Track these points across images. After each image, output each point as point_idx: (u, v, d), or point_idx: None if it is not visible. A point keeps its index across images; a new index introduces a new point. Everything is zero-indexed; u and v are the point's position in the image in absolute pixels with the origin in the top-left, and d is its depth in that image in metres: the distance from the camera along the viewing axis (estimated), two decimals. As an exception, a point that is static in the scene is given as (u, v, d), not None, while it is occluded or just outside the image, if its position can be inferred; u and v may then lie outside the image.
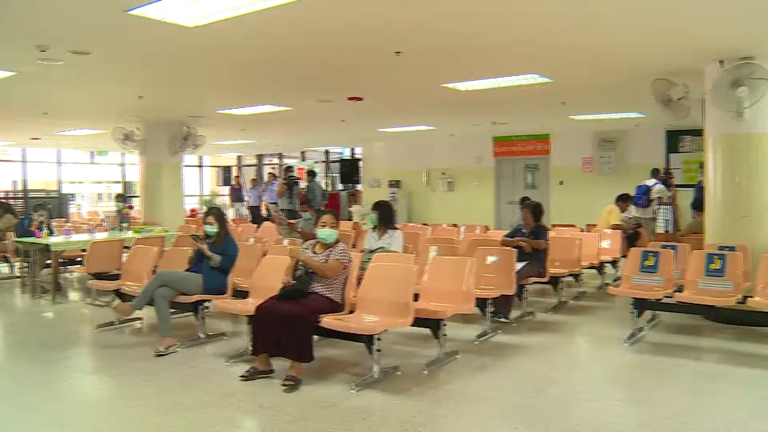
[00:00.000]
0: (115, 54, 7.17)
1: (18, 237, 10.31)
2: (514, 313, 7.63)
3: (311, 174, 16.92)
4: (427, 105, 11.41)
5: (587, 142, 16.23)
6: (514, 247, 7.57)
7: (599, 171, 16.08)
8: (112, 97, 10.44)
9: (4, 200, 14.02)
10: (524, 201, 10.44)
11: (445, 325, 5.87)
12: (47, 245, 9.47)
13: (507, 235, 8.32)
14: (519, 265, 7.47)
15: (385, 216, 7.79)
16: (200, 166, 26.11)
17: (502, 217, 17.45)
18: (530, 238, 7.96)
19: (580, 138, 16.22)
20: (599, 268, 9.69)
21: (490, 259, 7.42)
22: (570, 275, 8.67)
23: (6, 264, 11.91)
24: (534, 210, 8.22)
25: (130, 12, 5.38)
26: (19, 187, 22.16)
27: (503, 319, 7.39)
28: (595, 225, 11.22)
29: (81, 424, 4.62)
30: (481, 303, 6.80)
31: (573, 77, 8.70)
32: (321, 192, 16.47)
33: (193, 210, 21.72)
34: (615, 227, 10.49)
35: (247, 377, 5.44)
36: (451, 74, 8.55)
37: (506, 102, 10.80)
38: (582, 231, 10.94)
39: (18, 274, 11.22)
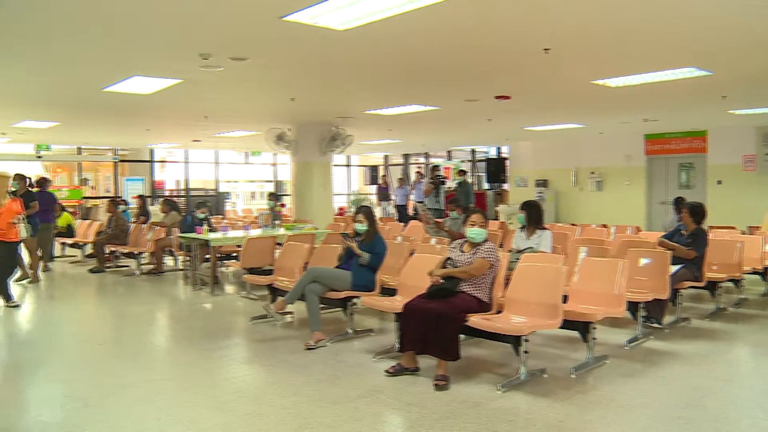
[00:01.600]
0: (270, 59, 7.50)
1: (181, 233, 11.02)
2: (668, 319, 7.31)
3: (463, 173, 16.98)
4: (576, 102, 11.15)
5: (749, 139, 15.23)
6: (668, 249, 7.27)
7: (763, 170, 15.06)
8: (266, 100, 10.93)
9: (170, 198, 15.01)
10: (678, 201, 9.99)
11: (594, 328, 5.73)
12: (207, 241, 10.05)
13: (665, 236, 7.95)
14: (674, 268, 7.16)
15: (534, 216, 7.67)
16: (348, 165, 26.77)
17: (654, 218, 16.74)
18: (689, 241, 7.59)
19: (742, 134, 15.26)
20: (763, 273, 9.06)
21: (643, 261, 7.16)
22: (729, 280, 8.17)
23: (171, 257, 12.79)
24: (693, 211, 7.79)
25: (284, 18, 5.62)
26: (182, 186, 23.65)
27: (656, 325, 7.10)
28: (758, 227, 10.54)
29: (237, 409, 4.87)
30: (632, 307, 6.57)
31: (735, 69, 8.19)
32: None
33: (341, 208, 22.31)
34: (782, 230, 9.81)
35: (393, 373, 5.53)
36: (602, 70, 8.30)
37: (660, 97, 10.36)
38: (743, 233, 10.30)
39: (181, 267, 12.03)
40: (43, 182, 12.62)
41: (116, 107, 11.10)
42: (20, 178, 10.43)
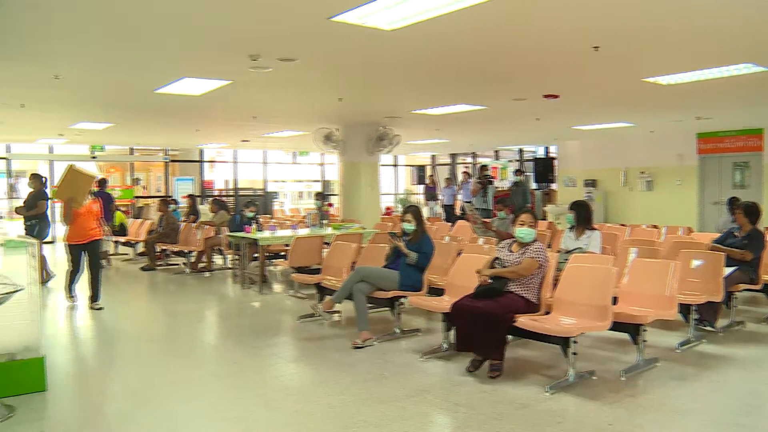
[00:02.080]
0: (318, 59, 7.53)
1: (230, 232, 11.15)
2: (721, 322, 7.15)
3: (520, 172, 16.86)
4: (626, 101, 10.97)
5: (810, 137, 14.81)
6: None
7: (822, 169, 14.62)
8: (314, 101, 10.98)
9: (219, 198, 15.21)
10: (733, 201, 9.76)
11: (645, 330, 5.64)
12: (255, 240, 10.15)
13: (717, 240, 7.73)
14: (728, 270, 6.99)
15: (584, 216, 7.58)
16: (395, 165, 26.76)
17: (707, 219, 16.37)
18: (745, 242, 7.38)
19: (800, 132, 14.84)
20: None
21: (695, 263, 7.02)
22: (788, 283, 7.95)
23: (220, 256, 12.96)
24: (748, 211, 7.56)
25: (332, 19, 5.65)
26: (231, 186, 23.96)
27: (709, 328, 6.95)
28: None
29: (285, 407, 4.92)
30: (684, 309, 6.46)
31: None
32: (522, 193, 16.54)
33: (388, 208, 22.33)
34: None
35: (473, 370, 5.55)
36: (653, 68, 8.13)
37: (714, 95, 10.13)
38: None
39: (230, 266, 12.18)
40: (102, 183, 13.01)
41: (167, 108, 11.30)
42: (36, 177, 10.42)
